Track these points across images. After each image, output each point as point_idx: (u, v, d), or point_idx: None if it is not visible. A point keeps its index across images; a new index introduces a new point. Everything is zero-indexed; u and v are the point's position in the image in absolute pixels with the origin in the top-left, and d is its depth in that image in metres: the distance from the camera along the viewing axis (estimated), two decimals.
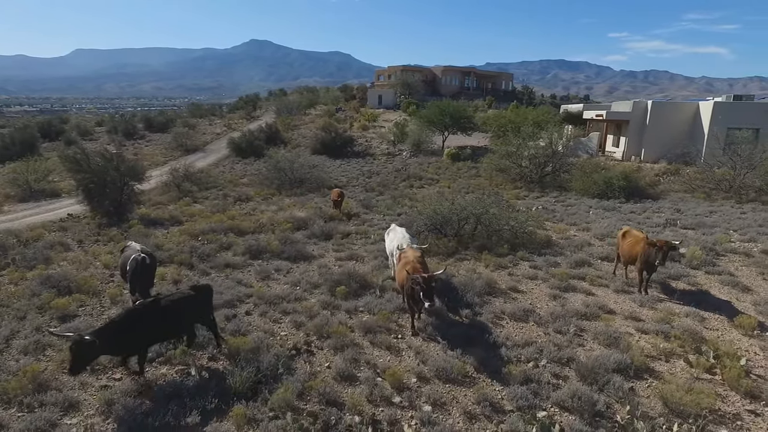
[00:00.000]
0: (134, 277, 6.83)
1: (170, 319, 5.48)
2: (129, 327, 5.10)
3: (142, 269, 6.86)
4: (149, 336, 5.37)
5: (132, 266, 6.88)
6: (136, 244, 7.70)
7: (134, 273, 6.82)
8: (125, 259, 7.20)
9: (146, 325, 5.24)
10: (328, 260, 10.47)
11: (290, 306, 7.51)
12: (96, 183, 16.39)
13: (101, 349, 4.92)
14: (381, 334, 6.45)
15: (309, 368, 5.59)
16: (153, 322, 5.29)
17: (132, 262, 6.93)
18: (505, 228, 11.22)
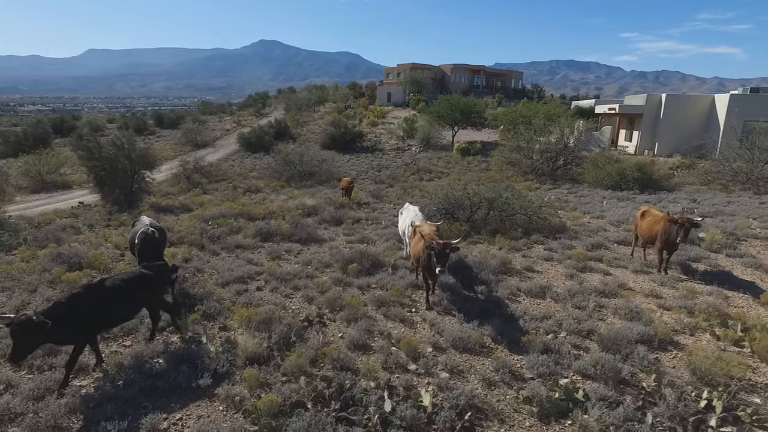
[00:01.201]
0: (142, 250, 6.76)
1: (121, 301, 4.92)
2: (77, 310, 4.47)
3: (150, 242, 6.79)
4: (99, 320, 4.76)
5: (141, 239, 6.81)
6: (146, 218, 7.65)
7: (142, 246, 6.75)
8: (134, 233, 7.13)
9: (96, 307, 4.63)
10: (339, 243, 10.36)
11: (301, 282, 7.40)
12: (107, 171, 16.44)
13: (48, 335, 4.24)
14: (394, 307, 6.31)
15: (322, 338, 5.46)
16: (103, 304, 4.70)
17: (141, 235, 6.86)
18: (519, 213, 11.04)
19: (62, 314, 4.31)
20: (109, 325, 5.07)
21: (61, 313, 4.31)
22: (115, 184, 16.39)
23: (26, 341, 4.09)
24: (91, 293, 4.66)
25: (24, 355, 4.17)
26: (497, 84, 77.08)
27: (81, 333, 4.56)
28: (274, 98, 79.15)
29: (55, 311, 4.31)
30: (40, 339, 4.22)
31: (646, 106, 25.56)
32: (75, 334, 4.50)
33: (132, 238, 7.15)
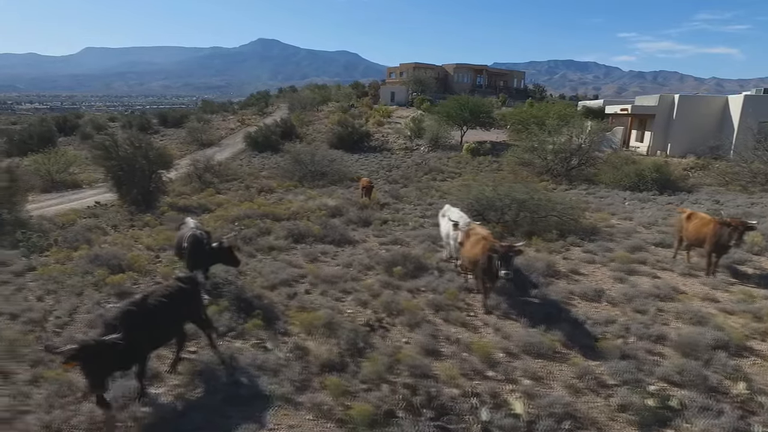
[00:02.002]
0: (192, 253, 6.65)
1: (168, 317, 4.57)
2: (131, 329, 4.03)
3: (199, 245, 6.65)
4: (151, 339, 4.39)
5: (190, 242, 6.70)
6: (191, 219, 7.55)
7: (192, 249, 6.64)
8: (181, 236, 7.03)
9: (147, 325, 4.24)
10: (372, 245, 10.28)
11: (348, 285, 7.31)
12: (125, 170, 16.31)
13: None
14: (452, 311, 6.23)
15: (390, 343, 5.37)
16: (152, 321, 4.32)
17: (190, 238, 6.75)
18: (551, 214, 10.97)
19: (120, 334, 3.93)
20: (159, 343, 4.68)
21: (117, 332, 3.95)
22: (133, 184, 16.25)
23: (100, 367, 3.74)
24: (139, 310, 4.30)
25: (103, 382, 3.81)
26: (499, 84, 77.15)
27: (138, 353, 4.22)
28: (275, 97, 79.00)
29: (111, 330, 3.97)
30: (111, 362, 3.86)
31: (658, 106, 25.54)
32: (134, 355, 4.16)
33: (179, 241, 7.05)
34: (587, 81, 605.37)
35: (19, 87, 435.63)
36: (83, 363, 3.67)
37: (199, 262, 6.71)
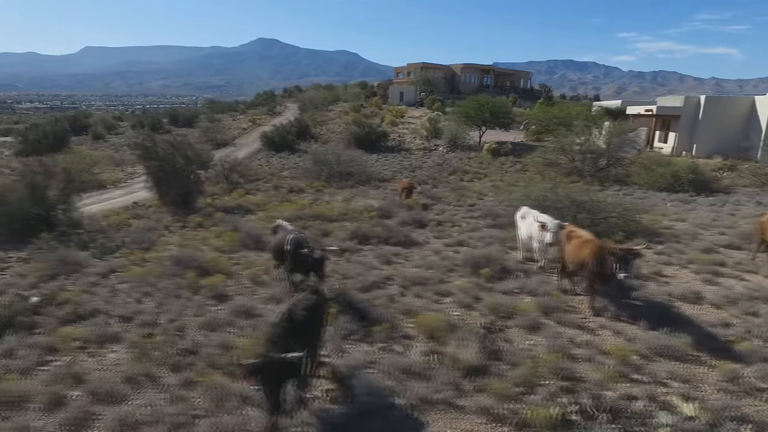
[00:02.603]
0: (296, 255, 6.68)
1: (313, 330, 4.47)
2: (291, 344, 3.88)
3: (301, 247, 6.71)
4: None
5: (294, 244, 6.75)
6: (284, 221, 7.58)
7: (296, 250, 6.67)
8: (281, 239, 7.06)
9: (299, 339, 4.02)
10: (437, 246, 10.28)
11: (441, 288, 7.33)
12: (166, 171, 16.28)
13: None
14: (563, 314, 6.25)
15: (517, 346, 5.40)
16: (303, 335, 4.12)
17: (293, 240, 6.80)
18: (611, 215, 11.00)
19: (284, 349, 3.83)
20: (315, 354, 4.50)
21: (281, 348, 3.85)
22: (173, 184, 16.22)
23: (278, 384, 3.65)
24: (291, 325, 4.18)
25: (280, 399, 3.67)
26: (506, 84, 77.17)
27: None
28: (280, 97, 78.95)
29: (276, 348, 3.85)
30: (289, 378, 3.76)
31: (684, 107, 25.60)
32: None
33: (279, 243, 7.09)
34: (587, 81, 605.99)
35: (18, 86, 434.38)
36: (264, 379, 3.60)
37: (301, 266, 6.74)
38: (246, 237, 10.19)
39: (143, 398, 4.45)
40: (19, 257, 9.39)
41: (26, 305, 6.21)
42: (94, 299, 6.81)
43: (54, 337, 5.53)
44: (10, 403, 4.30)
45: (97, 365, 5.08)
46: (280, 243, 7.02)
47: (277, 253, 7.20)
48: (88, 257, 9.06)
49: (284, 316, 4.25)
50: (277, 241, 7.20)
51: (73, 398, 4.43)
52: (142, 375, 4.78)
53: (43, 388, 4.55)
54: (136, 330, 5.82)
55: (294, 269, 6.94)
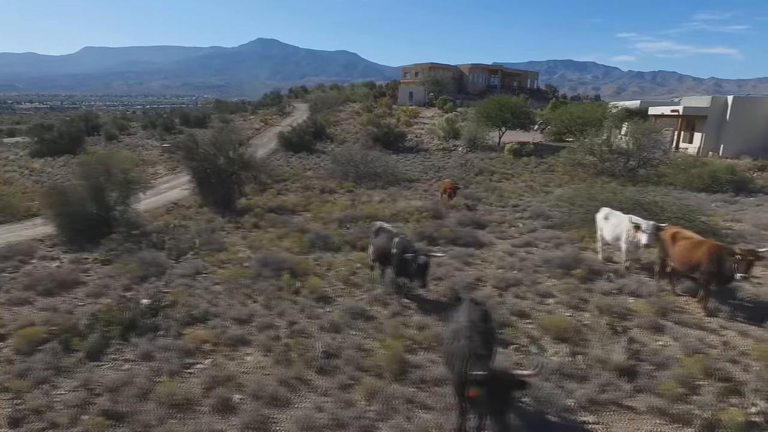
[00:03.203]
0: (402, 258, 6.64)
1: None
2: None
3: (408, 250, 6.68)
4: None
5: (400, 248, 6.73)
6: (383, 223, 7.57)
7: (404, 253, 6.62)
8: (384, 242, 7.04)
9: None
10: (506, 247, 10.27)
11: (540, 288, 7.33)
12: (209, 172, 16.25)
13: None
14: (678, 314, 6.26)
15: (652, 346, 5.40)
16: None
17: (399, 243, 6.80)
18: (676, 215, 11.00)
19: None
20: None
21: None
22: (218, 185, 16.20)
23: (505, 402, 3.40)
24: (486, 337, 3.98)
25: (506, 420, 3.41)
26: (513, 84, 77.16)
27: None
28: (285, 97, 78.93)
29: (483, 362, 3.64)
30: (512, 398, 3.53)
31: (711, 107, 25.64)
32: None
33: (383, 247, 7.07)
34: (586, 81, 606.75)
35: (18, 86, 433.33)
36: (491, 394, 3.35)
37: (405, 270, 6.69)
38: (315, 238, 10.17)
39: (308, 402, 4.43)
40: (95, 258, 9.37)
41: (142, 308, 6.18)
42: (199, 301, 6.79)
43: (184, 340, 5.51)
44: (178, 405, 4.29)
45: (241, 368, 5.07)
46: (385, 246, 7.00)
47: (382, 257, 7.18)
48: (165, 258, 9.04)
49: (473, 327, 3.97)
50: (381, 244, 7.19)
51: (238, 402, 4.41)
52: (293, 379, 4.76)
53: (204, 391, 4.53)
54: (260, 333, 5.81)
55: (399, 273, 6.91)
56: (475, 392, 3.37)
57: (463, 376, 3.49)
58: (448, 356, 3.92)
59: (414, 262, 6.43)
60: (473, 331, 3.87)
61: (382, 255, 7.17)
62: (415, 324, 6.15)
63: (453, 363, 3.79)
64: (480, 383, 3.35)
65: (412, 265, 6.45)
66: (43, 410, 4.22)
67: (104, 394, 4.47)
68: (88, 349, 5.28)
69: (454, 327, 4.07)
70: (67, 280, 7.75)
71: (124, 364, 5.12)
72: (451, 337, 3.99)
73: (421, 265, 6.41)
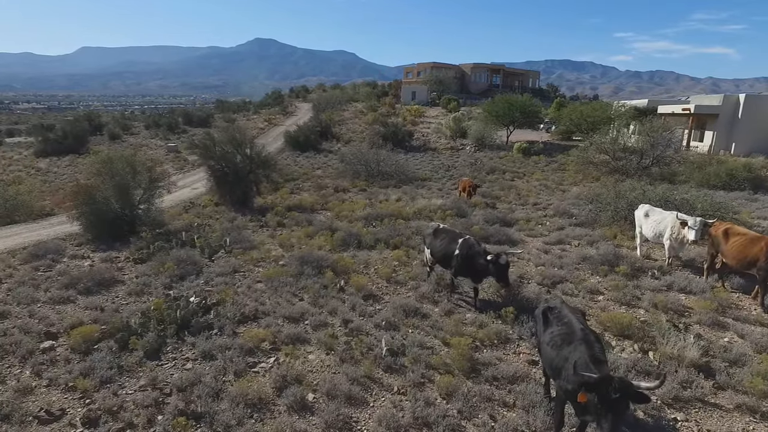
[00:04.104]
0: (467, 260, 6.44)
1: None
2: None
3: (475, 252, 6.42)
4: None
5: (464, 250, 6.50)
6: (439, 224, 7.39)
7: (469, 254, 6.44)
8: (447, 244, 6.81)
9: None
10: (539, 245, 10.19)
11: (587, 285, 7.26)
12: (228, 170, 16.13)
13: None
14: (735, 311, 6.19)
15: (717, 344, 5.33)
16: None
17: (463, 246, 6.55)
18: (708, 213, 10.93)
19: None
20: None
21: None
22: (236, 184, 16.08)
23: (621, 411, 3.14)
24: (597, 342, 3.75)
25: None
26: (514, 83, 77.17)
27: None
28: (287, 97, 78.83)
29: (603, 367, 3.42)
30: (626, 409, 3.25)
31: (722, 106, 25.63)
32: None
33: (445, 248, 6.80)
34: (584, 81, 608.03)
35: (15, 86, 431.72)
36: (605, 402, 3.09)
37: (469, 271, 6.46)
38: (348, 236, 10.06)
39: (385, 401, 4.33)
40: (126, 257, 9.25)
41: (192, 306, 6.07)
42: (245, 300, 6.69)
43: (242, 339, 5.41)
44: (253, 405, 4.19)
45: (306, 367, 4.97)
46: (448, 247, 6.74)
47: (443, 259, 6.90)
48: (199, 257, 8.92)
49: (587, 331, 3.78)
50: (442, 246, 6.91)
51: (313, 401, 4.31)
52: (363, 377, 4.66)
53: (274, 390, 4.43)
54: (316, 331, 5.71)
55: (467, 275, 6.58)
56: (585, 397, 3.19)
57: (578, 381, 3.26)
58: (558, 360, 3.69)
59: (494, 263, 6.06)
60: (589, 335, 3.70)
61: (444, 257, 6.88)
62: (470, 321, 6.05)
63: (562, 367, 3.59)
64: (593, 388, 3.15)
65: (490, 265, 6.09)
66: (116, 410, 4.11)
67: (175, 394, 4.35)
68: (146, 347, 5.17)
69: (562, 330, 3.87)
70: (105, 278, 7.64)
71: (186, 363, 5.01)
72: (559, 341, 3.79)
73: (503, 264, 6.06)
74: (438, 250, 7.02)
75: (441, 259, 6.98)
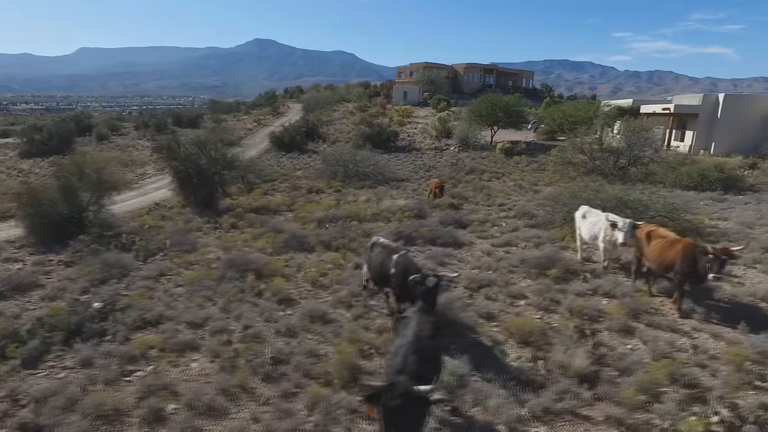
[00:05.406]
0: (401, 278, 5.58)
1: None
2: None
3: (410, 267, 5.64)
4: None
5: (400, 267, 5.68)
6: (381, 238, 6.58)
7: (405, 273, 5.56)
8: (382, 259, 6.01)
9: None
10: (485, 247, 10.03)
11: (513, 289, 7.09)
12: (191, 172, 15.97)
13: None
14: (651, 316, 6.02)
15: (618, 351, 5.16)
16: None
17: (399, 262, 5.75)
18: (659, 214, 10.78)
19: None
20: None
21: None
22: (199, 185, 15.91)
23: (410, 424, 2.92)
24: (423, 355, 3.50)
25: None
26: (508, 83, 77.03)
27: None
28: (281, 97, 78.71)
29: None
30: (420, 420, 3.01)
31: (702, 105, 25.48)
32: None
33: (381, 264, 6.01)
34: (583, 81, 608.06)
35: (14, 87, 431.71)
36: (390, 411, 2.89)
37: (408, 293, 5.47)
38: (290, 238, 9.90)
39: (246, 412, 4.17)
40: (60, 260, 9.10)
41: (91, 311, 5.91)
42: (156, 304, 6.53)
43: (130, 346, 5.25)
44: (106, 416, 4.03)
45: (183, 375, 4.81)
46: (383, 264, 6.00)
47: (379, 277, 6.13)
48: (132, 260, 8.77)
49: (414, 343, 3.56)
50: (377, 262, 6.14)
51: (172, 412, 4.15)
52: (235, 387, 4.50)
53: (137, 401, 4.27)
54: (211, 337, 5.54)
55: (400, 297, 5.79)
56: (372, 408, 2.95)
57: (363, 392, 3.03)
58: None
59: (421, 285, 5.27)
60: (413, 348, 3.45)
61: (378, 275, 6.15)
62: (376, 328, 5.89)
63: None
64: (374, 398, 2.92)
65: (419, 287, 5.27)
66: None
67: (29, 405, 4.19)
68: (24, 355, 5.01)
69: (398, 342, 3.64)
70: (24, 282, 7.48)
71: (61, 371, 4.85)
72: (394, 352, 3.55)
73: (431, 288, 5.23)
74: (373, 267, 6.31)
75: (376, 277, 6.28)
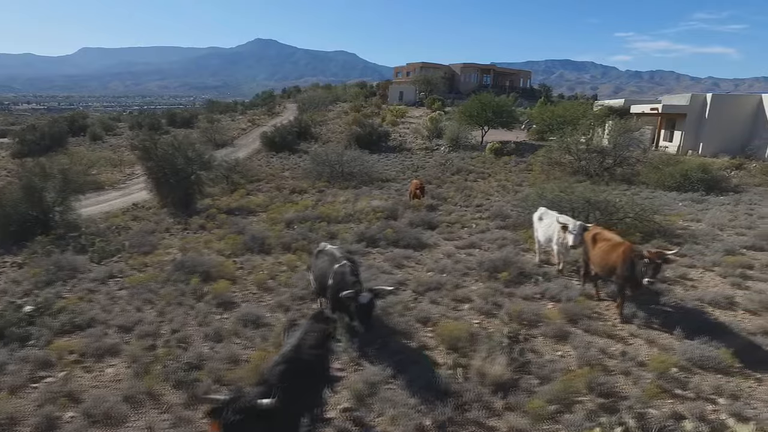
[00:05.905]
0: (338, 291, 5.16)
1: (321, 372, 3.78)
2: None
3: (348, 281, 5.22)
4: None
5: (337, 278, 5.33)
6: (329, 245, 6.22)
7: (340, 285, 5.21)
8: (324, 269, 5.65)
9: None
10: (449, 249, 9.91)
11: (460, 292, 6.97)
12: (166, 172, 15.88)
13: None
14: (591, 321, 5.89)
15: (547, 358, 5.03)
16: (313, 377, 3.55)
17: (338, 273, 5.37)
18: (627, 216, 10.64)
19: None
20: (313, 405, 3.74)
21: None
22: (175, 186, 15.82)
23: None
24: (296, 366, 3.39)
25: None
26: (505, 83, 76.89)
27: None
28: (279, 97, 78.71)
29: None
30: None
31: (690, 105, 25.30)
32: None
33: (322, 274, 5.65)
34: (584, 81, 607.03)
35: (15, 87, 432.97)
36: (227, 428, 2.77)
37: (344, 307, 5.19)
38: (250, 240, 9.79)
39: (144, 420, 4.06)
40: (14, 262, 9.01)
41: (19, 315, 5.81)
42: (93, 308, 6.43)
43: (48, 350, 5.14)
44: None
45: (95, 382, 4.70)
46: (323, 275, 5.65)
47: (320, 287, 5.80)
48: (86, 262, 8.68)
49: (289, 354, 3.46)
50: (319, 272, 5.79)
51: (68, 420, 4.04)
52: (143, 393, 4.39)
53: (35, 408, 4.16)
54: (137, 341, 5.43)
55: (336, 309, 5.42)
56: (215, 424, 2.79)
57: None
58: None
59: (353, 301, 4.90)
60: (287, 358, 3.35)
61: (319, 285, 5.78)
62: None
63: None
64: (216, 413, 2.78)
65: (351, 304, 4.95)
66: None
67: None
68: None
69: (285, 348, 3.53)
70: None
71: None
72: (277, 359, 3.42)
73: (363, 305, 4.85)
74: (316, 277, 5.96)
75: (317, 287, 5.96)
